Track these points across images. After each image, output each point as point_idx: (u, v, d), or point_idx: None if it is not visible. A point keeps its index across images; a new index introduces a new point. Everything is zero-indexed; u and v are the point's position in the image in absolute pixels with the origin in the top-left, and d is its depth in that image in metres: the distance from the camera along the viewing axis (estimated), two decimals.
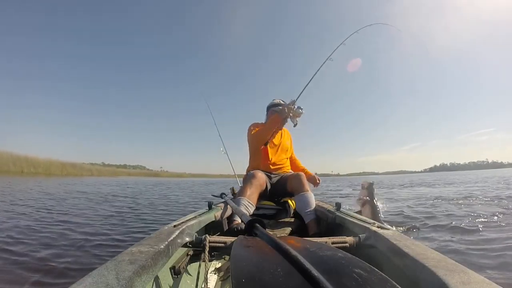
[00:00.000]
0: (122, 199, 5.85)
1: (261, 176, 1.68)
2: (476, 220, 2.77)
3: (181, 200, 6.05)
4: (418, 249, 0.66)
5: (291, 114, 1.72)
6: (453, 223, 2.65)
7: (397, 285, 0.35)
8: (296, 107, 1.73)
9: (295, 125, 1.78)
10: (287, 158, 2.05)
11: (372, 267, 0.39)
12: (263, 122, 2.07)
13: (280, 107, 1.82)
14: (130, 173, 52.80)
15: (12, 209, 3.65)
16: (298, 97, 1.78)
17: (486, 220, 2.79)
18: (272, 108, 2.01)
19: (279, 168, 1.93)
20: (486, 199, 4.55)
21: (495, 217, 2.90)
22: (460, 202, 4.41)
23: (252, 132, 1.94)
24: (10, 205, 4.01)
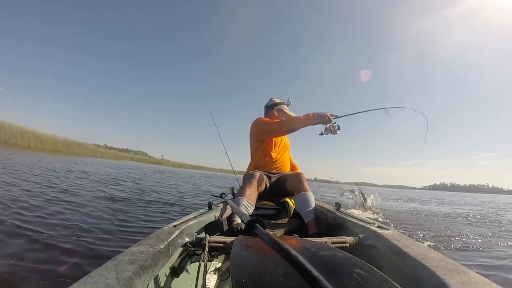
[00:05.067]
0: (127, 183, 6.03)
1: (260, 176, 1.68)
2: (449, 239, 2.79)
3: (182, 190, 6.24)
4: (418, 249, 0.66)
5: (327, 125, 1.69)
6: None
7: (397, 285, 0.35)
8: (336, 123, 1.70)
9: (321, 134, 1.75)
10: (288, 155, 2.06)
11: (372, 267, 0.39)
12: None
13: (320, 114, 1.70)
14: (133, 158, 52.47)
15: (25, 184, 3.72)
16: (342, 116, 1.74)
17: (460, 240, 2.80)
18: (277, 106, 2.02)
19: (281, 167, 1.93)
20: (473, 221, 4.58)
21: (471, 239, 2.90)
22: (445, 220, 4.45)
23: (275, 121, 1.87)
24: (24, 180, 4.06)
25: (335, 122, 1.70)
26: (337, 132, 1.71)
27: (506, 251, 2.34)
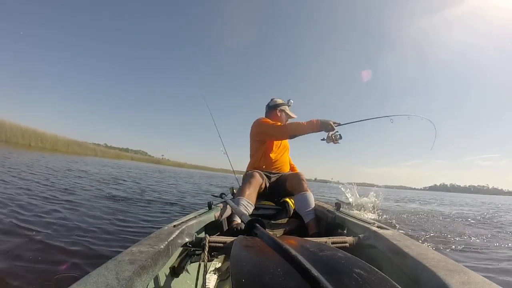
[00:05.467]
0: (127, 183, 6.07)
1: (260, 176, 1.68)
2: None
3: (182, 189, 6.29)
4: (418, 249, 0.66)
5: (329, 133, 1.72)
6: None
7: (397, 285, 0.35)
8: (338, 132, 1.72)
9: (323, 139, 1.79)
10: (287, 156, 2.06)
11: (372, 267, 0.39)
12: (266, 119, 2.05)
13: (325, 122, 1.72)
14: (133, 157, 52.50)
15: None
16: (345, 124, 1.75)
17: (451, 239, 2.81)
18: (279, 107, 2.01)
19: (280, 167, 1.93)
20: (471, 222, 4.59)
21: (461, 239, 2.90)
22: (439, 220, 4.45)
23: (279, 124, 1.86)
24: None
25: (337, 131, 1.72)
26: (339, 142, 1.74)
27: (506, 253, 2.34)
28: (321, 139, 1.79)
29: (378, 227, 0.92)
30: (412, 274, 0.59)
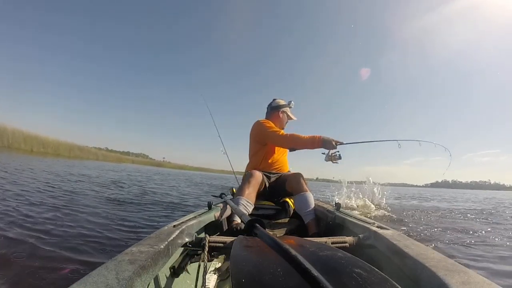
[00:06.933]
0: (128, 186, 6.10)
1: (258, 175, 1.67)
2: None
3: (183, 191, 6.32)
4: (418, 249, 0.66)
5: (330, 152, 1.70)
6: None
7: (397, 285, 0.35)
8: (338, 152, 1.70)
9: (323, 153, 1.79)
10: (286, 156, 2.06)
11: (372, 267, 0.39)
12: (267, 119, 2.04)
13: (329, 141, 1.67)
14: (134, 160, 53.00)
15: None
16: (347, 143, 1.73)
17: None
18: (282, 108, 2.01)
19: (280, 167, 1.93)
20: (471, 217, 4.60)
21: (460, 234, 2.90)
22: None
23: (281, 133, 1.81)
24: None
25: (338, 151, 1.69)
26: (337, 162, 1.71)
27: (509, 253, 2.32)
28: (322, 153, 1.78)
29: (378, 227, 0.92)
30: (412, 274, 0.59)
